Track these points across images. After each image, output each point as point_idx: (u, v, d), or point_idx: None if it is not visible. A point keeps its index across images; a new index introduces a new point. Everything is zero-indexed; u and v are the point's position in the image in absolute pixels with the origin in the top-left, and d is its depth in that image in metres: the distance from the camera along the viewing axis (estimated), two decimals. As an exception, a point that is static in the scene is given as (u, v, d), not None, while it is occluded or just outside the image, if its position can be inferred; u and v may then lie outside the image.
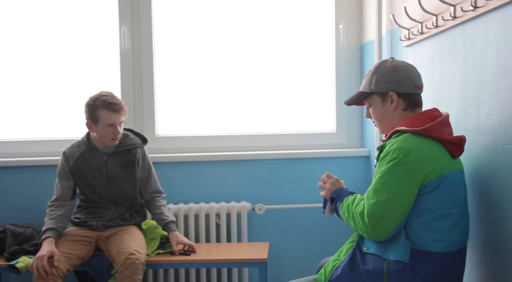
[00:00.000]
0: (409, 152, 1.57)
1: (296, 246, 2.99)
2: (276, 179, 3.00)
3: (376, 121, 1.81)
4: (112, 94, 2.56)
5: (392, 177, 1.57)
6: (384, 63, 1.75)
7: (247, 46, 3.10)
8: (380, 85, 1.72)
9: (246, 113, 3.12)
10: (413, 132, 1.62)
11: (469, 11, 1.70)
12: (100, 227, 2.54)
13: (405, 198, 1.56)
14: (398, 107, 1.73)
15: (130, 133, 2.67)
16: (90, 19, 3.07)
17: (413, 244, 1.58)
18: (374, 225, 1.59)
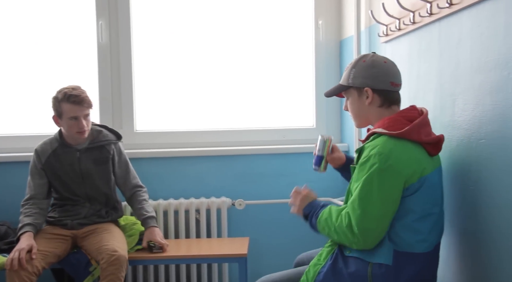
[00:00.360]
0: (389, 157, 1.55)
1: (276, 241, 3.01)
2: (256, 175, 3.01)
3: (352, 115, 1.81)
4: (76, 86, 2.51)
5: (376, 185, 1.55)
6: (364, 58, 1.74)
7: (226, 42, 3.09)
8: (357, 79, 1.72)
9: (225, 108, 3.12)
10: (391, 135, 1.61)
11: (444, 8, 1.73)
12: (75, 226, 2.50)
13: (391, 204, 1.56)
14: (373, 103, 1.71)
15: (104, 129, 2.63)
16: (66, 13, 3.02)
17: (396, 246, 1.58)
18: (365, 236, 1.57)
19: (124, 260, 2.31)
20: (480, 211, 1.59)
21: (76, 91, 2.47)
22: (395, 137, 1.60)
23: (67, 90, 2.47)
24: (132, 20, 3.01)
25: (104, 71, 3.00)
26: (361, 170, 1.60)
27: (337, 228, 1.63)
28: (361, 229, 1.57)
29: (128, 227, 2.68)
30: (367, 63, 1.71)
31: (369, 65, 1.71)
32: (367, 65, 1.71)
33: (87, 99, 2.48)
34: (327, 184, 3.02)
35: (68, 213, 2.54)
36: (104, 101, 3.01)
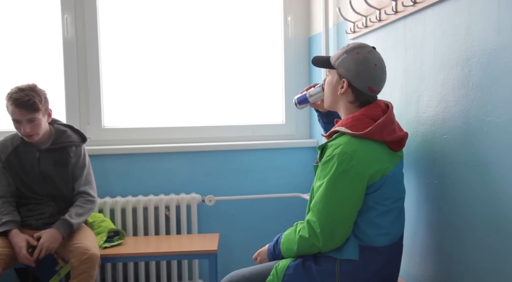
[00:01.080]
0: (352, 157, 1.56)
1: (246, 237, 3.02)
2: (225, 171, 3.01)
3: (325, 94, 1.78)
4: (25, 87, 2.34)
5: (340, 185, 1.57)
6: (360, 49, 1.66)
7: (196, 37, 3.07)
8: (342, 67, 1.67)
9: (195, 104, 3.10)
10: (354, 135, 1.61)
11: (409, 6, 1.77)
12: (40, 226, 2.41)
13: (355, 203, 1.58)
14: (345, 96, 1.69)
15: (68, 129, 2.52)
16: (31, 7, 2.93)
17: (360, 241, 1.61)
18: (331, 236, 1.59)
19: (96, 259, 2.27)
20: (444, 204, 1.64)
21: (19, 94, 2.30)
22: (358, 137, 1.60)
23: (12, 90, 2.34)
24: (99, 14, 2.95)
25: (70, 66, 2.94)
26: (324, 169, 1.62)
27: (301, 240, 1.65)
28: (327, 230, 1.59)
29: (96, 224, 2.64)
30: (359, 57, 1.64)
31: (360, 61, 1.64)
32: (357, 59, 1.64)
33: (29, 103, 2.29)
34: (297, 180, 3.06)
35: (32, 213, 2.45)
36: (70, 97, 2.95)
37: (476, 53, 1.44)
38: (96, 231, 2.60)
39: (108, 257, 2.51)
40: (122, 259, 2.60)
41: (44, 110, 2.37)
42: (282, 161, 3.06)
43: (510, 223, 1.33)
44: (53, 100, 2.91)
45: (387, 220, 1.62)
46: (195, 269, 2.92)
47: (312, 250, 1.66)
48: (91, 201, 2.48)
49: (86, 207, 2.45)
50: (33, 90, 2.35)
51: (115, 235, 2.68)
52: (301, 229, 1.66)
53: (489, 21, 1.38)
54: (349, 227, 1.60)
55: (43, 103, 2.37)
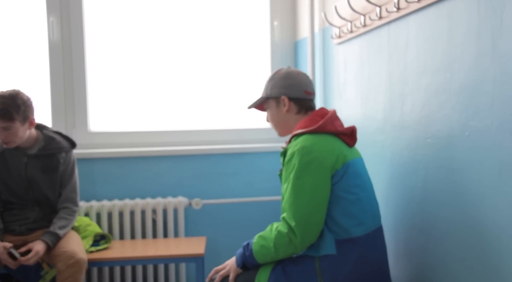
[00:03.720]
0: (312, 149, 1.65)
1: (233, 240, 3.02)
2: (212, 174, 3.02)
3: (273, 124, 1.91)
4: (5, 95, 2.26)
5: (306, 178, 1.63)
6: (279, 70, 1.88)
7: (182, 41, 3.08)
8: (274, 90, 1.84)
9: (182, 108, 3.10)
10: (310, 131, 1.71)
11: (393, 12, 1.80)
12: (24, 231, 2.39)
13: (323, 193, 1.64)
14: (290, 111, 1.83)
15: (57, 136, 2.48)
16: (16, 9, 2.92)
17: (336, 235, 1.65)
18: (307, 231, 1.62)
19: (83, 263, 2.25)
20: (427, 207, 1.67)
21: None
22: (313, 133, 1.70)
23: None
24: (85, 17, 2.95)
25: (56, 69, 2.93)
26: (287, 169, 1.69)
27: (277, 239, 1.65)
28: (302, 222, 1.62)
29: (82, 228, 2.62)
30: (282, 74, 1.85)
31: (284, 76, 1.84)
32: (282, 77, 1.84)
33: (2, 112, 2.22)
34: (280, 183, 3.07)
35: (16, 218, 2.42)
36: (56, 100, 2.93)
37: (458, 59, 1.47)
38: (82, 235, 2.58)
39: (94, 261, 2.50)
40: (109, 263, 2.59)
41: (22, 119, 2.28)
42: (268, 165, 3.07)
43: (491, 224, 1.36)
44: (39, 103, 2.91)
45: (359, 209, 1.67)
46: (182, 273, 2.92)
47: (290, 249, 1.65)
48: (75, 212, 2.48)
49: (71, 219, 2.44)
50: (12, 98, 2.26)
51: (101, 239, 2.67)
52: (278, 226, 1.69)
53: (469, 27, 1.41)
54: (321, 218, 1.64)
55: (21, 112, 2.28)
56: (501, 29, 1.29)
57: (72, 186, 2.49)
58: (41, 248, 2.25)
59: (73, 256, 2.23)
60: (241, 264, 1.75)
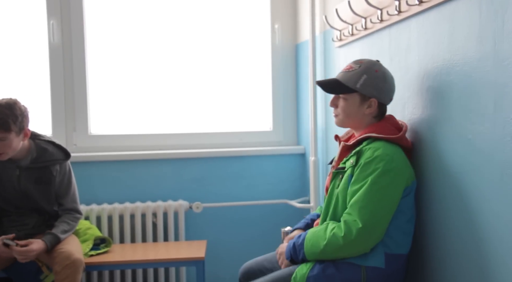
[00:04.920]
0: (394, 159, 1.60)
1: (233, 244, 3.02)
2: (213, 177, 3.01)
3: (343, 115, 1.77)
4: (3, 104, 2.19)
5: (383, 185, 1.59)
6: (375, 67, 1.72)
7: (182, 44, 3.08)
8: (367, 88, 1.70)
9: (182, 111, 3.10)
10: (388, 139, 1.66)
11: (394, 15, 1.79)
12: (22, 237, 2.33)
13: (393, 205, 1.60)
14: (371, 113, 1.73)
15: (50, 146, 2.38)
16: (16, 12, 2.92)
17: (387, 248, 1.61)
18: (368, 236, 1.57)
19: (80, 264, 2.23)
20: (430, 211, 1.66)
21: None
22: (390, 142, 1.65)
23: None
24: (85, 20, 2.95)
25: (56, 72, 2.92)
26: (364, 170, 1.61)
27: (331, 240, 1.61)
28: (367, 228, 1.57)
29: (82, 231, 2.61)
30: (379, 75, 1.71)
31: (382, 78, 1.71)
32: (379, 77, 1.70)
33: (0, 121, 2.15)
34: (285, 186, 3.07)
35: (15, 223, 2.39)
36: (56, 103, 2.93)
37: (459, 62, 1.46)
38: (82, 238, 2.57)
39: (94, 265, 2.48)
40: (109, 267, 2.58)
41: (18, 129, 2.22)
42: (269, 168, 3.07)
43: (491, 229, 1.35)
44: (39, 106, 2.91)
45: (411, 227, 1.65)
46: (183, 276, 2.91)
47: (338, 253, 1.61)
48: (77, 219, 2.44)
49: (73, 225, 2.41)
50: (10, 108, 2.20)
51: (101, 242, 2.65)
52: (335, 227, 1.63)
53: (471, 31, 1.40)
54: (384, 230, 1.60)
55: (18, 123, 2.21)
56: (502, 32, 1.28)
57: (71, 197, 2.44)
58: (37, 248, 2.22)
59: (69, 257, 2.21)
60: (289, 257, 1.75)
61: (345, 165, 1.72)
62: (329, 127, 2.66)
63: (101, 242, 2.66)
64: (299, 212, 2.93)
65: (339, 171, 1.73)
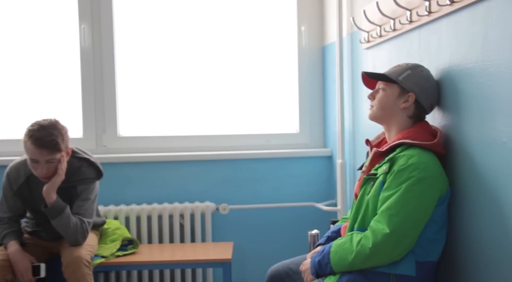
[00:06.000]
0: (429, 167, 1.57)
1: (259, 246, 3.02)
2: (239, 179, 3.02)
3: (378, 107, 1.75)
4: (47, 124, 2.21)
5: (417, 193, 1.56)
6: (422, 68, 1.72)
7: (210, 46, 3.10)
8: (409, 81, 1.69)
9: (210, 113, 3.12)
10: (423, 146, 1.62)
11: (424, 16, 1.76)
12: (50, 238, 2.43)
13: (427, 213, 1.57)
14: (406, 110, 1.70)
15: (84, 164, 2.39)
16: (49, 16, 2.99)
17: (417, 256, 1.58)
18: (397, 244, 1.55)
19: (80, 260, 2.21)
20: (461, 216, 1.63)
21: (42, 132, 2.17)
22: (426, 149, 1.62)
23: (33, 127, 2.20)
24: (115, 24, 3.00)
25: (87, 76, 2.99)
26: (398, 177, 1.58)
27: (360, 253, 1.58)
28: (396, 237, 1.54)
29: (111, 231, 2.66)
30: (424, 74, 1.71)
31: (426, 78, 1.70)
32: (423, 76, 1.70)
33: (51, 143, 2.17)
34: (312, 189, 3.05)
35: (43, 226, 2.43)
36: (87, 106, 2.99)
37: (493, 63, 1.43)
38: (110, 238, 2.62)
39: (123, 265, 2.53)
40: (137, 266, 2.62)
41: (64, 149, 2.25)
42: (296, 170, 3.06)
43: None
44: (70, 109, 2.98)
45: (443, 236, 1.62)
46: (209, 278, 2.92)
47: (368, 262, 1.59)
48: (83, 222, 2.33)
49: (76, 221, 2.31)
50: (55, 129, 2.21)
51: (129, 244, 2.69)
52: (363, 238, 1.60)
53: (506, 31, 1.37)
54: (415, 238, 1.57)
55: (65, 142, 2.25)
56: (539, 32, 1.24)
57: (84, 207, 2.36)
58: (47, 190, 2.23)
59: (71, 254, 2.24)
60: (315, 273, 1.71)
61: (376, 172, 1.69)
62: (356, 130, 2.63)
63: (128, 243, 2.69)
64: (326, 215, 2.91)
65: (370, 177, 1.70)
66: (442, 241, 1.62)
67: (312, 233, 2.25)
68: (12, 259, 2.26)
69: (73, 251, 2.27)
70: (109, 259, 2.48)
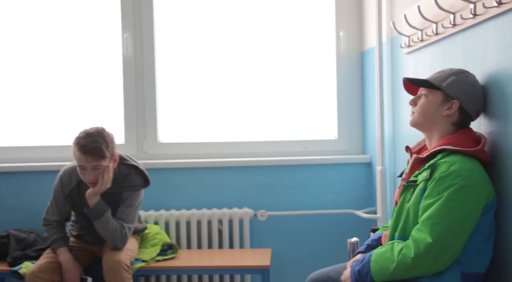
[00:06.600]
0: (472, 174, 1.52)
1: (298, 253, 3.00)
2: (278, 186, 3.01)
3: (419, 113, 1.71)
4: (94, 132, 2.29)
5: (460, 202, 1.51)
6: (467, 73, 1.68)
7: (249, 53, 3.12)
8: (453, 88, 1.64)
9: (248, 119, 3.14)
10: (465, 152, 1.58)
11: (468, 19, 1.72)
12: (94, 242, 2.51)
13: (471, 222, 1.52)
14: (449, 117, 1.66)
15: (133, 171, 2.46)
16: (93, 26, 3.10)
17: (463, 267, 1.54)
18: (440, 255, 1.50)
19: (119, 265, 2.27)
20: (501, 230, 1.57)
21: (87, 139, 2.26)
22: (469, 156, 1.57)
23: (80, 134, 2.30)
24: (155, 33, 3.07)
25: (129, 83, 3.06)
26: (439, 185, 1.54)
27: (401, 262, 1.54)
28: (439, 247, 1.50)
29: (151, 236, 2.70)
30: (470, 80, 1.66)
31: (471, 84, 1.65)
32: (469, 82, 1.65)
33: (95, 150, 2.24)
34: (350, 196, 3.02)
35: (88, 230, 2.50)
36: (128, 112, 3.06)
37: (543, 66, 1.38)
38: (150, 242, 2.66)
39: (163, 269, 2.57)
40: (177, 271, 2.66)
41: (110, 156, 2.32)
42: (334, 177, 3.03)
43: None
44: (113, 116, 3.06)
45: (490, 246, 1.56)
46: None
47: (411, 272, 1.55)
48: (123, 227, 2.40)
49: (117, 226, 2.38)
50: (101, 136, 2.29)
51: (168, 249, 2.72)
52: (404, 248, 1.56)
53: (556, 33, 1.32)
54: (459, 248, 1.52)
55: (110, 149, 2.31)
56: None
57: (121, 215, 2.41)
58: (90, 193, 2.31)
59: (110, 258, 2.30)
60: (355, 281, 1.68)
61: (417, 178, 1.64)
62: (397, 136, 2.59)
63: (168, 248, 2.72)
64: (366, 223, 2.86)
65: (410, 184, 1.66)
66: (489, 251, 1.56)
67: (352, 241, 2.22)
68: (64, 268, 2.36)
69: (113, 255, 2.33)
70: (149, 264, 2.52)
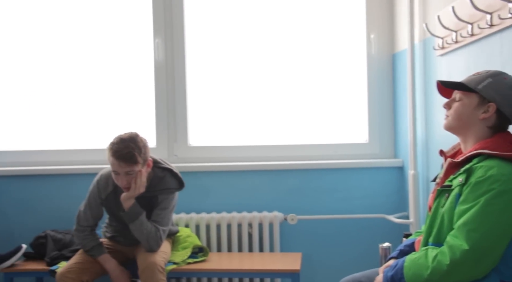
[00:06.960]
0: (510, 180, 1.47)
1: (328, 257, 2.97)
2: (308, 189, 3.00)
3: (454, 117, 1.66)
4: (127, 137, 2.32)
5: (498, 207, 1.47)
6: (505, 75, 1.62)
7: (279, 56, 3.12)
8: (489, 90, 1.59)
9: (278, 123, 3.13)
10: (504, 157, 1.52)
11: (507, 19, 1.68)
12: (128, 244, 2.55)
13: (510, 229, 1.47)
14: (485, 121, 1.61)
15: (167, 174, 2.48)
16: (126, 32, 3.16)
17: (503, 276, 1.49)
18: (477, 261, 1.45)
19: (154, 266, 2.30)
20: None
21: (120, 145, 2.29)
22: (507, 160, 1.52)
23: (114, 140, 2.33)
24: (186, 38, 3.11)
25: (160, 88, 3.10)
26: (476, 190, 1.50)
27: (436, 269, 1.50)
28: (477, 253, 1.46)
29: (183, 239, 2.72)
30: (508, 82, 1.60)
31: (510, 86, 1.59)
32: (507, 84, 1.60)
33: (128, 155, 2.26)
34: (381, 200, 2.98)
35: (123, 233, 2.55)
36: (160, 116, 3.11)
37: None
38: (181, 245, 2.69)
39: (194, 272, 2.59)
40: (207, 274, 2.68)
41: (143, 161, 2.33)
42: (365, 181, 2.99)
43: None
44: (145, 120, 3.11)
45: None
46: (277, 288, 2.92)
47: (446, 279, 1.51)
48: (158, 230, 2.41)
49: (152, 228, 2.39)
50: (133, 141, 2.31)
51: (199, 251, 2.74)
52: (439, 254, 1.52)
53: None
54: (498, 255, 1.47)
55: (143, 154, 2.32)
56: None
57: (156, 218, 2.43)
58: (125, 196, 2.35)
59: (146, 259, 2.33)
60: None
61: (451, 183, 1.60)
62: (430, 140, 2.54)
63: (199, 250, 2.74)
64: (398, 228, 2.82)
65: (444, 189, 1.61)
66: None
67: (384, 246, 2.19)
68: (112, 274, 2.42)
69: (148, 257, 2.36)
70: (181, 266, 2.55)
